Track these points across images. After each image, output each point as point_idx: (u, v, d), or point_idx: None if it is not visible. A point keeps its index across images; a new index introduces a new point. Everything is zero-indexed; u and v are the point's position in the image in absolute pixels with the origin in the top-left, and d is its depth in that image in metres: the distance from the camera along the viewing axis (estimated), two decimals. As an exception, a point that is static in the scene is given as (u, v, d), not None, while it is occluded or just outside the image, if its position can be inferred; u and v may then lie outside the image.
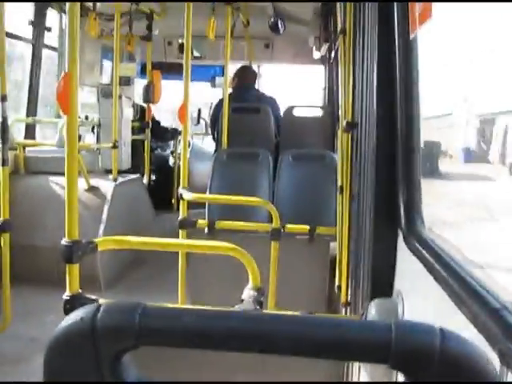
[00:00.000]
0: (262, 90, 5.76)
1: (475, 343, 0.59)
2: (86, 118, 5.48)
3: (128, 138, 5.58)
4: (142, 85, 5.87)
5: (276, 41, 6.47)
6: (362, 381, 1.99)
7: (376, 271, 1.92)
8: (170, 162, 6.87)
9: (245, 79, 5.37)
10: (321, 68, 6.77)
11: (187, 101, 3.23)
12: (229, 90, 4.96)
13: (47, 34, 5.55)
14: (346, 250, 2.90)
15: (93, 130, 5.77)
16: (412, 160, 1.75)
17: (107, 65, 6.58)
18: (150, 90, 5.72)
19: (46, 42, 5.59)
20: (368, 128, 2.13)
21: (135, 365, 0.65)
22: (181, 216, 3.25)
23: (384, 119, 1.89)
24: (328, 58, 5.81)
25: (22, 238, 4.33)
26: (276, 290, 3.09)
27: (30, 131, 5.64)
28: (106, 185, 4.91)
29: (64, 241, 1.90)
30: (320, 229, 3.61)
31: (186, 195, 3.21)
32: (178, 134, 6.43)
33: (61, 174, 1.95)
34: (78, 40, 1.85)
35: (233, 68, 5.48)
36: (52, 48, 5.77)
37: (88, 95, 6.39)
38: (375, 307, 1.75)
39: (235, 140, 4.50)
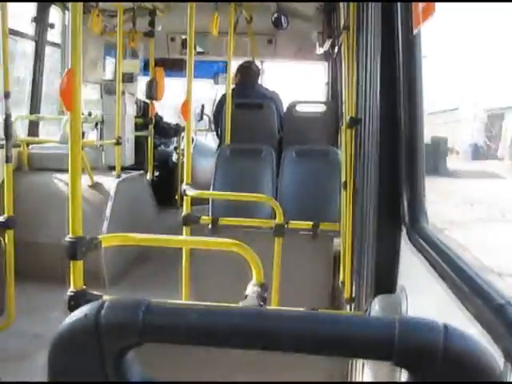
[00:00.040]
0: (265, 86, 5.75)
1: (479, 340, 0.59)
2: (90, 115, 5.48)
3: (131, 135, 5.58)
4: (145, 81, 5.87)
5: (279, 37, 6.46)
6: (366, 380, 2.00)
7: (379, 267, 1.92)
8: (174, 159, 6.87)
9: (248, 75, 5.36)
10: (324, 64, 6.75)
11: (190, 97, 3.23)
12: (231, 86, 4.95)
13: (50, 31, 5.56)
14: (350, 246, 2.90)
15: (96, 127, 5.77)
16: (415, 156, 1.74)
17: (110, 61, 6.58)
18: (153, 87, 5.72)
19: (49, 39, 5.59)
20: (371, 124, 2.13)
21: (139, 361, 0.65)
22: (184, 212, 3.25)
23: (387, 115, 1.89)
24: (331, 54, 5.79)
25: (26, 235, 4.33)
26: (279, 286, 3.09)
27: (34, 128, 5.64)
28: (110, 181, 4.91)
29: (68, 237, 1.90)
30: (323, 225, 3.60)
31: (190, 191, 3.21)
32: (181, 131, 6.43)
33: (64, 171, 1.95)
34: (81, 37, 1.85)
35: (236, 64, 5.47)
36: (55, 44, 5.77)
37: (91, 92, 6.39)
38: (379, 303, 1.75)
39: (238, 136, 4.49)
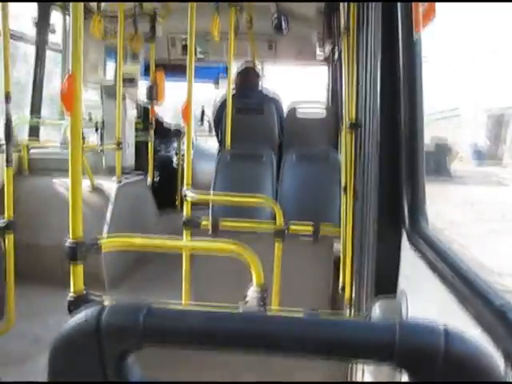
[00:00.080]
0: (266, 90, 5.75)
1: (479, 342, 0.59)
2: (90, 119, 5.48)
3: (132, 139, 5.58)
4: (146, 85, 5.87)
5: (279, 40, 6.46)
6: (366, 381, 1.99)
7: (380, 270, 1.92)
8: (174, 162, 6.87)
9: (248, 79, 5.36)
10: (324, 67, 6.76)
11: (191, 100, 3.24)
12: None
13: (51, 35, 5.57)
14: (350, 250, 2.90)
15: (96, 131, 5.77)
16: (416, 159, 1.74)
17: (111, 65, 6.58)
18: (154, 90, 5.72)
19: (50, 43, 5.60)
20: (371, 126, 2.13)
21: (139, 365, 0.65)
22: (185, 216, 3.25)
23: (387, 117, 1.89)
24: (331, 58, 5.80)
25: (27, 238, 4.34)
26: (280, 290, 3.09)
27: (34, 132, 5.65)
28: (110, 185, 4.92)
29: (68, 241, 1.91)
30: (324, 228, 3.60)
31: (190, 195, 3.21)
32: (182, 134, 6.43)
33: (65, 175, 1.95)
34: (82, 40, 1.85)
35: (236, 67, 5.47)
36: (56, 49, 5.78)
37: (92, 93, 6.39)
38: (379, 306, 1.75)
39: (239, 140, 4.50)
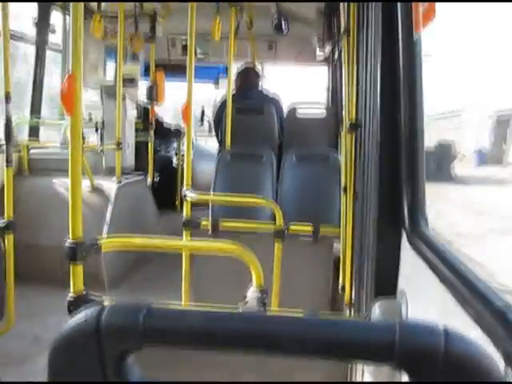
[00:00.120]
0: (266, 90, 5.75)
1: (480, 343, 0.59)
2: (90, 119, 5.48)
3: (132, 139, 5.58)
4: (146, 85, 5.87)
5: (279, 41, 6.47)
6: (366, 381, 1.99)
7: (380, 271, 1.92)
8: (174, 163, 6.87)
9: (248, 79, 5.36)
10: (324, 68, 6.76)
11: (191, 101, 3.24)
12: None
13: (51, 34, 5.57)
14: (350, 250, 2.90)
15: (96, 131, 5.77)
16: (416, 160, 1.74)
17: (111, 65, 6.58)
18: (154, 91, 5.72)
19: (49, 43, 5.60)
20: (372, 127, 2.13)
21: (139, 365, 0.65)
22: (184, 216, 3.25)
23: (388, 119, 1.89)
24: (331, 58, 5.80)
25: (26, 238, 4.34)
26: (279, 290, 3.09)
27: (34, 132, 5.65)
28: (110, 185, 4.92)
29: (68, 241, 1.91)
30: (324, 229, 3.60)
31: (190, 196, 3.21)
32: (182, 135, 6.43)
33: (65, 175, 1.95)
34: (82, 41, 1.85)
35: (236, 67, 5.47)
36: (56, 49, 5.78)
37: (92, 93, 6.39)
38: (379, 307, 1.75)
39: (238, 140, 4.50)
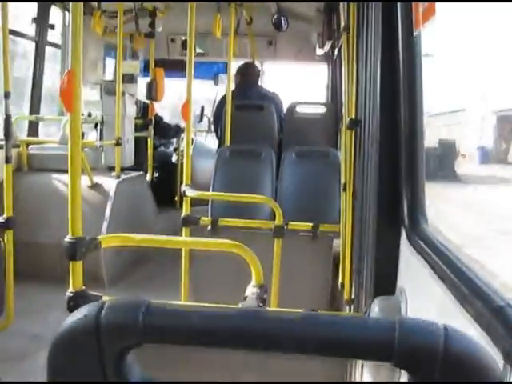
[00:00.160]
0: (266, 88, 5.75)
1: (479, 342, 0.59)
2: (89, 115, 5.48)
3: (131, 136, 5.58)
4: (145, 82, 5.87)
5: (279, 38, 6.46)
6: (365, 381, 1.99)
7: (379, 269, 1.92)
8: (173, 159, 6.87)
9: (248, 76, 5.36)
10: (324, 66, 6.76)
11: (190, 98, 3.23)
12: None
13: (50, 32, 5.56)
14: (349, 248, 2.90)
15: (96, 127, 5.77)
16: (415, 158, 1.74)
17: (110, 62, 6.58)
18: (153, 88, 5.72)
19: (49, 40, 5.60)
20: (371, 125, 2.13)
21: (139, 363, 0.65)
22: (184, 213, 3.25)
23: (387, 116, 1.89)
24: (331, 56, 5.80)
25: (26, 235, 4.34)
26: (279, 288, 3.09)
27: (33, 129, 5.65)
28: (109, 182, 4.91)
29: (67, 238, 1.91)
30: (323, 226, 3.60)
31: (189, 192, 3.21)
32: (181, 131, 6.43)
33: (64, 172, 1.95)
34: (82, 38, 1.85)
35: (236, 65, 5.47)
36: (55, 45, 5.77)
37: (91, 92, 6.39)
38: (378, 305, 1.75)
39: (238, 137, 4.50)
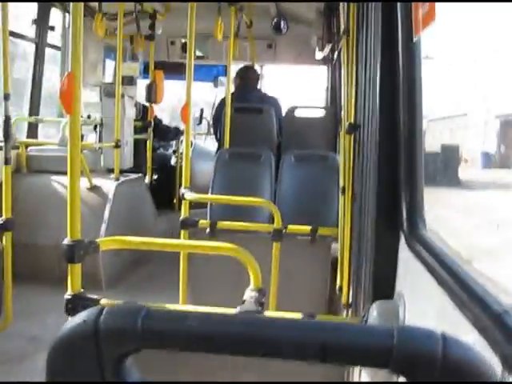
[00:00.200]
0: (265, 91, 5.76)
1: (477, 349, 0.59)
2: (89, 117, 5.48)
3: (130, 138, 5.58)
4: (144, 85, 5.87)
5: (279, 41, 6.47)
6: (363, 381, 1.99)
7: (377, 273, 1.92)
8: (172, 162, 6.87)
9: (247, 79, 5.37)
10: (324, 68, 6.76)
11: (190, 100, 3.24)
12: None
13: (50, 33, 5.57)
14: (348, 252, 2.90)
15: (95, 129, 5.78)
16: (415, 161, 1.74)
17: (110, 64, 6.58)
18: (153, 90, 5.72)
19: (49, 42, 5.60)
20: (371, 129, 2.13)
21: (138, 368, 0.65)
22: (182, 216, 3.25)
23: (387, 121, 1.89)
24: (331, 59, 5.80)
25: (25, 237, 4.33)
26: (277, 291, 3.09)
27: (33, 130, 5.65)
28: (108, 184, 4.91)
29: (66, 240, 1.90)
30: (322, 230, 3.60)
31: (188, 195, 3.21)
32: (180, 134, 6.43)
33: (63, 173, 1.95)
34: (82, 40, 1.85)
35: (235, 68, 5.48)
36: (55, 47, 5.78)
37: (91, 94, 6.40)
38: (376, 309, 1.75)
39: (237, 140, 4.50)
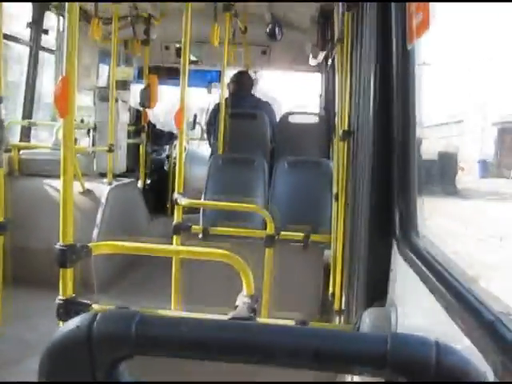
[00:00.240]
0: (259, 96, 5.76)
1: (470, 357, 0.59)
2: (82, 121, 5.47)
3: (124, 142, 5.57)
4: (139, 89, 5.87)
5: (273, 47, 6.48)
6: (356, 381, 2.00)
7: (370, 279, 1.92)
8: (166, 166, 6.86)
9: (242, 85, 5.38)
10: (318, 75, 6.78)
11: (184, 105, 3.24)
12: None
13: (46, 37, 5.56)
14: (341, 258, 2.90)
15: (88, 134, 5.76)
16: (408, 169, 1.75)
17: (104, 68, 6.57)
18: (147, 94, 5.72)
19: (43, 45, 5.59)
20: (364, 136, 2.14)
21: (131, 374, 0.65)
22: (175, 221, 3.24)
23: (381, 127, 1.90)
24: (325, 66, 5.83)
25: (16, 240, 4.31)
26: (270, 297, 3.08)
27: (25, 134, 5.63)
28: (101, 188, 4.90)
29: (58, 244, 1.90)
30: (314, 236, 3.61)
31: (181, 200, 3.21)
32: (174, 139, 6.43)
33: (56, 177, 1.95)
34: (77, 44, 1.85)
35: (230, 74, 5.49)
36: (50, 50, 5.76)
37: (85, 99, 6.39)
38: (369, 315, 1.75)
39: (231, 145, 4.50)
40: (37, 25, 5.39)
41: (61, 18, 5.49)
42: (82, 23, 4.90)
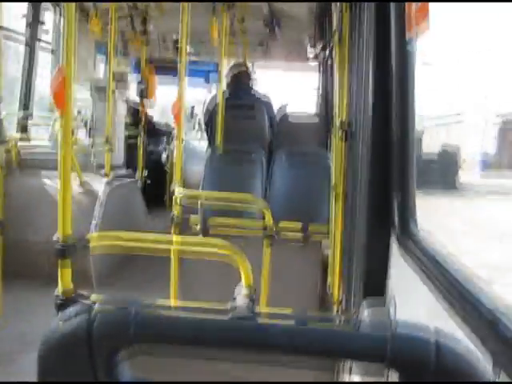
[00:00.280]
0: (257, 92, 5.74)
1: (470, 354, 0.59)
2: (79, 113, 5.46)
3: (121, 133, 5.56)
4: (136, 82, 5.86)
5: (271, 41, 6.46)
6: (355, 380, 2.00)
7: (369, 272, 1.92)
8: (164, 161, 6.84)
9: (239, 80, 5.35)
10: (315, 71, 6.77)
11: (181, 99, 3.23)
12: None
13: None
14: (339, 250, 2.90)
15: (85, 126, 5.75)
16: (407, 162, 1.75)
17: (101, 60, 6.55)
18: (144, 88, 5.71)
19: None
20: (363, 130, 2.14)
21: (130, 369, 0.65)
22: (173, 213, 3.24)
23: (379, 121, 1.89)
24: (322, 58, 5.81)
25: (15, 234, 4.30)
26: (268, 291, 3.09)
27: (23, 128, 5.61)
28: (99, 182, 4.89)
29: (57, 237, 1.90)
30: (312, 226, 3.61)
31: (179, 191, 3.20)
32: (172, 134, 6.42)
33: (54, 170, 1.94)
34: (74, 37, 1.84)
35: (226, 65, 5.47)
36: (46, 42, 5.74)
37: (82, 91, 6.37)
38: (367, 308, 1.75)
39: (229, 138, 4.49)
40: (33, 18, 5.36)
41: (57, 14, 5.48)
42: (79, 14, 4.88)
